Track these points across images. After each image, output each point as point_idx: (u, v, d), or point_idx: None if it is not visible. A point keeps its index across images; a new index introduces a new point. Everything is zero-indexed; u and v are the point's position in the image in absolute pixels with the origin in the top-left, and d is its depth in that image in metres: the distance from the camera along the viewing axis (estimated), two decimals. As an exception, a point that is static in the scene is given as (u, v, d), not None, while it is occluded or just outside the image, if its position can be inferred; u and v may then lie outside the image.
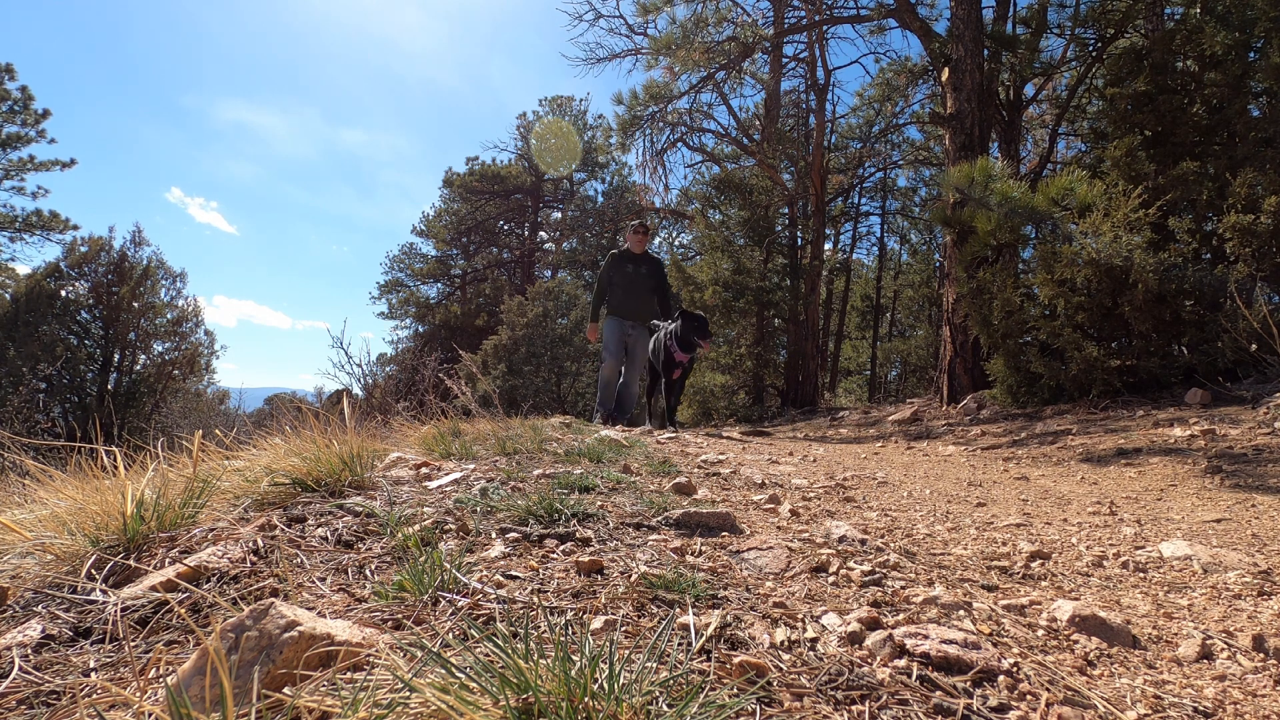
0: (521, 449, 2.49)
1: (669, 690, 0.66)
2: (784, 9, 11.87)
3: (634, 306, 6.55)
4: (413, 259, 28.41)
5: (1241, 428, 3.36)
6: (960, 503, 2.27)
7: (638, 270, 6.59)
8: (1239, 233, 4.60)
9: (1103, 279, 4.82)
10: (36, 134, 18.52)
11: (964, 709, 0.70)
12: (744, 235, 12.03)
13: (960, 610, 0.98)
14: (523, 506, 1.37)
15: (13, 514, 1.37)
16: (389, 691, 0.62)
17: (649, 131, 11.56)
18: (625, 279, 6.57)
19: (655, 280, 6.68)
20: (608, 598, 0.93)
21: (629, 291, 6.56)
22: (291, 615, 0.70)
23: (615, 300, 6.59)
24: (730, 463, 2.74)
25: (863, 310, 22.17)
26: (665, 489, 1.85)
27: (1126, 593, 1.25)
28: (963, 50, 6.95)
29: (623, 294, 6.57)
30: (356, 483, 1.58)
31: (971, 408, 6.04)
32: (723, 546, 1.27)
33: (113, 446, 1.38)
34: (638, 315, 6.58)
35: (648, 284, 6.58)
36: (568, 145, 25.93)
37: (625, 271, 6.58)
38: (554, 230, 28.82)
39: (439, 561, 0.94)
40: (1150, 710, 0.76)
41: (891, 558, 1.28)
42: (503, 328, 17.00)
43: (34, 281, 17.06)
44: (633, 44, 11.81)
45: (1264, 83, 5.52)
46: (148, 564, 1.06)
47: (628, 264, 6.61)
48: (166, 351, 18.11)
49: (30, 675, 0.73)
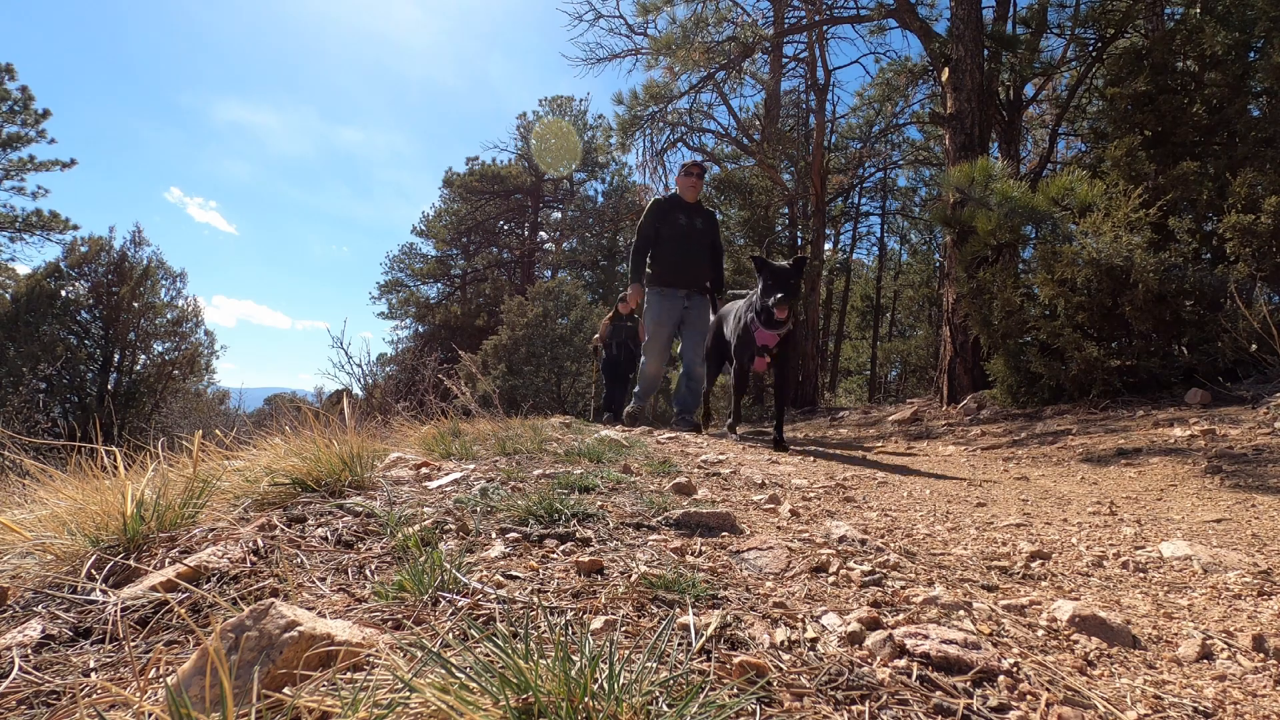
0: (521, 449, 2.49)
1: (669, 690, 0.66)
2: (784, 9, 11.87)
3: (689, 271, 4.92)
4: (413, 259, 28.41)
5: (1241, 428, 3.36)
6: (960, 503, 2.27)
7: (692, 223, 4.95)
8: (1239, 233, 4.60)
9: (1103, 279, 4.82)
10: (36, 134, 18.53)
11: (964, 709, 0.70)
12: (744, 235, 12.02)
13: (960, 610, 0.98)
14: (523, 506, 1.37)
15: (13, 514, 1.37)
16: (389, 691, 0.62)
17: (649, 131, 11.56)
18: (676, 234, 4.89)
19: (711, 239, 5.05)
20: (608, 598, 0.93)
21: (681, 250, 4.91)
22: (291, 615, 0.70)
23: (662, 264, 4.92)
24: (730, 463, 2.74)
25: (863, 310, 22.17)
26: (665, 489, 1.85)
27: (1126, 593, 1.25)
28: (963, 50, 6.95)
29: (673, 254, 4.91)
30: (356, 483, 1.58)
31: (971, 408, 6.04)
32: (723, 546, 1.27)
33: (113, 446, 1.38)
34: (694, 282, 4.95)
35: (703, 242, 4.99)
36: (568, 145, 25.93)
37: (676, 224, 4.91)
38: (554, 230, 28.82)
39: (439, 561, 0.94)
40: (1150, 710, 0.76)
41: (891, 558, 1.28)
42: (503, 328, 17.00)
43: (34, 281, 17.06)
44: (633, 44, 11.81)
45: (1264, 83, 5.52)
46: (148, 564, 1.06)
47: (679, 214, 4.94)
48: (166, 351, 18.11)
49: (30, 675, 0.73)
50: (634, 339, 9.24)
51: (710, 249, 5.04)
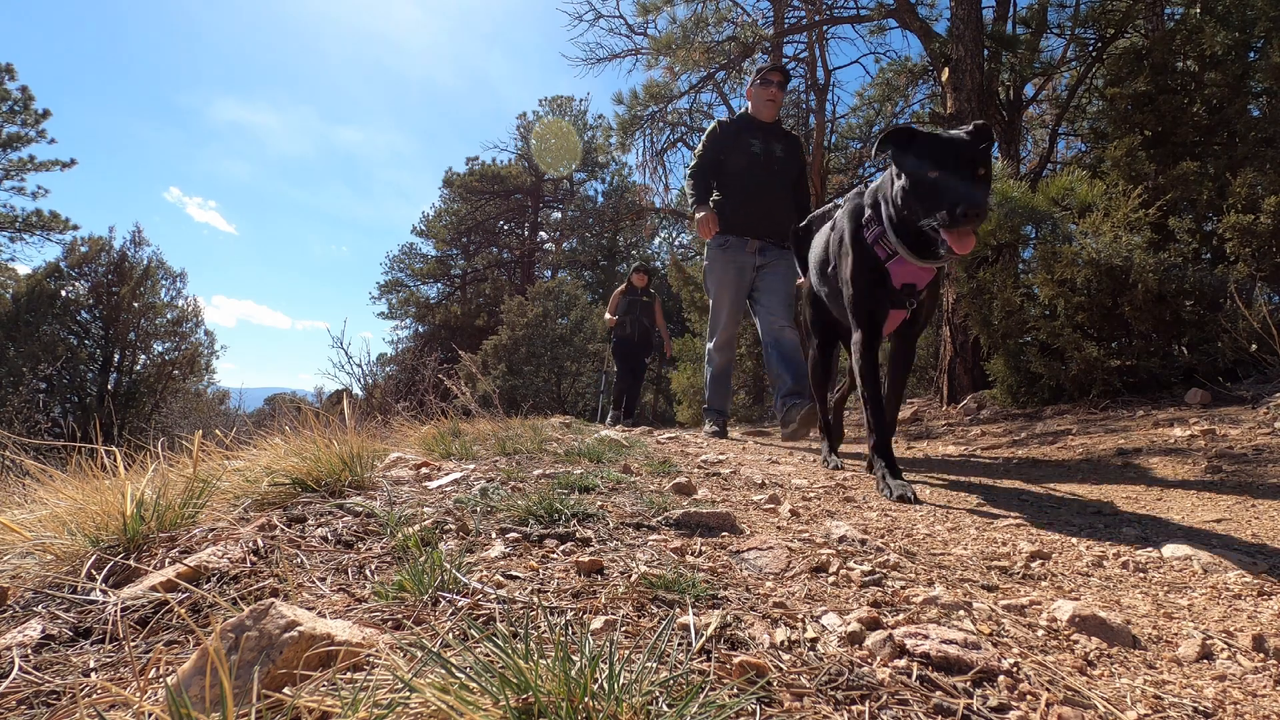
0: (521, 449, 2.49)
1: (669, 690, 0.66)
2: (784, 9, 11.87)
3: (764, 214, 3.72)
4: (413, 259, 28.43)
5: (1241, 428, 3.36)
6: (961, 502, 2.27)
7: (769, 149, 3.79)
8: (1239, 233, 4.60)
9: (1103, 279, 4.82)
10: (36, 134, 18.53)
11: (964, 709, 0.70)
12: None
13: (960, 610, 0.98)
14: (523, 506, 1.37)
15: (13, 514, 1.37)
16: (389, 691, 0.62)
17: (649, 131, 11.57)
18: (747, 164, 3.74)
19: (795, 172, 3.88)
20: (608, 598, 0.93)
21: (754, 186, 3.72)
22: (291, 615, 0.70)
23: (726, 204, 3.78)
24: (730, 463, 2.74)
25: (863, 310, 22.14)
26: (665, 489, 1.85)
27: (1126, 593, 1.25)
28: (963, 50, 6.95)
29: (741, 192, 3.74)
30: (356, 483, 1.58)
31: (971, 408, 6.04)
32: (723, 546, 1.27)
33: (113, 446, 1.38)
34: (771, 229, 3.75)
35: (785, 175, 3.84)
36: (568, 145, 25.94)
37: (747, 151, 3.75)
38: (554, 230, 28.83)
39: (439, 561, 0.94)
40: (1150, 710, 0.76)
41: (891, 558, 1.28)
42: (503, 328, 17.01)
43: (34, 281, 17.07)
44: (633, 44, 11.82)
45: (1264, 83, 5.52)
46: (148, 564, 1.06)
47: (751, 138, 3.78)
48: (166, 351, 18.12)
49: (30, 675, 0.73)
50: (650, 316, 8.53)
51: (794, 185, 3.82)
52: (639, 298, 8.36)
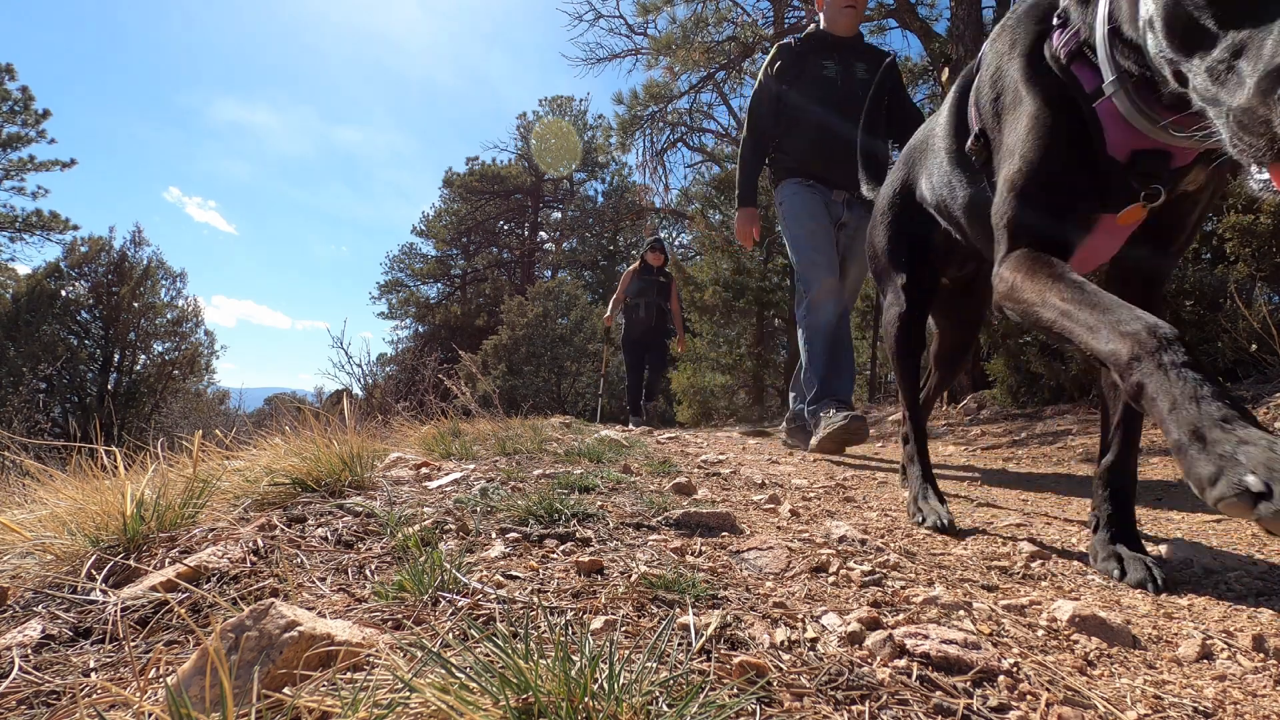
0: (521, 449, 2.50)
1: (669, 690, 0.66)
2: (784, 9, 11.87)
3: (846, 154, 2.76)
4: (413, 259, 28.44)
5: (1241, 428, 3.35)
6: (961, 502, 2.27)
7: (849, 71, 3.02)
8: (1239, 233, 4.60)
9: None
10: (36, 134, 18.54)
11: (964, 709, 0.70)
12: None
13: (960, 610, 0.99)
14: (523, 506, 1.37)
15: (13, 514, 1.37)
16: (389, 691, 0.62)
17: (649, 131, 11.58)
18: (822, 92, 3.00)
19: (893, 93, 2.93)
20: (608, 598, 0.93)
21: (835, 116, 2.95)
22: (291, 615, 0.70)
23: (799, 145, 3.06)
24: (730, 463, 2.74)
25: (862, 310, 22.16)
26: (665, 489, 1.85)
27: (1126, 593, 1.25)
28: (963, 50, 6.95)
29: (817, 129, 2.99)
30: (356, 483, 1.59)
31: (971, 408, 6.05)
32: (723, 546, 1.27)
33: (113, 446, 1.38)
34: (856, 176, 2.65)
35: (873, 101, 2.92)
36: (568, 145, 25.94)
37: (818, 77, 3.02)
38: (554, 230, 28.84)
39: (439, 561, 0.94)
40: (1150, 710, 0.76)
41: (891, 558, 1.28)
42: (503, 328, 17.01)
43: (34, 281, 17.08)
44: (633, 44, 11.83)
45: (1264, 83, 5.52)
46: (148, 564, 1.06)
47: (824, 59, 3.03)
48: (166, 351, 18.14)
49: (30, 675, 0.73)
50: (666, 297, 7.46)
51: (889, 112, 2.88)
52: (655, 278, 7.31)
